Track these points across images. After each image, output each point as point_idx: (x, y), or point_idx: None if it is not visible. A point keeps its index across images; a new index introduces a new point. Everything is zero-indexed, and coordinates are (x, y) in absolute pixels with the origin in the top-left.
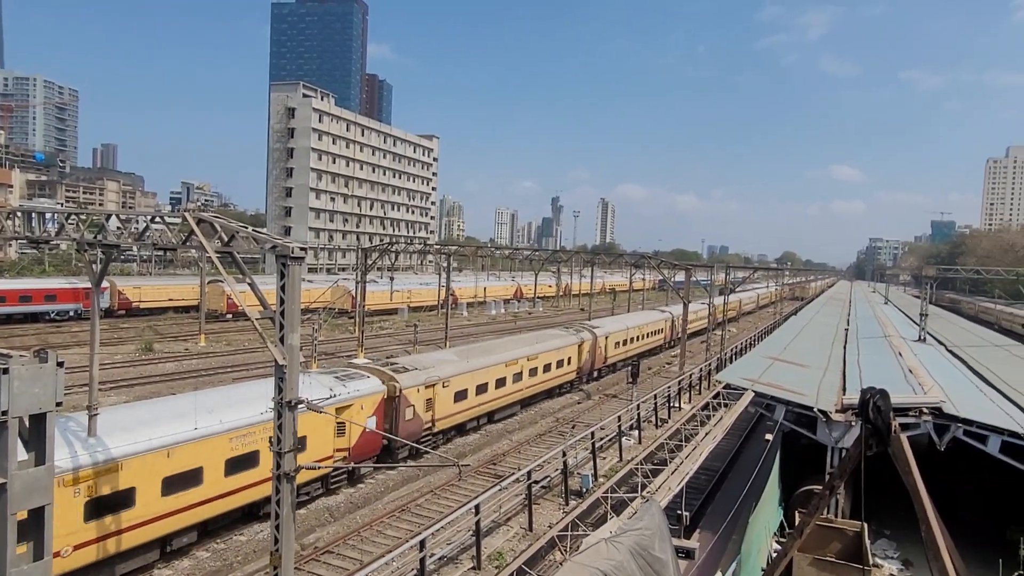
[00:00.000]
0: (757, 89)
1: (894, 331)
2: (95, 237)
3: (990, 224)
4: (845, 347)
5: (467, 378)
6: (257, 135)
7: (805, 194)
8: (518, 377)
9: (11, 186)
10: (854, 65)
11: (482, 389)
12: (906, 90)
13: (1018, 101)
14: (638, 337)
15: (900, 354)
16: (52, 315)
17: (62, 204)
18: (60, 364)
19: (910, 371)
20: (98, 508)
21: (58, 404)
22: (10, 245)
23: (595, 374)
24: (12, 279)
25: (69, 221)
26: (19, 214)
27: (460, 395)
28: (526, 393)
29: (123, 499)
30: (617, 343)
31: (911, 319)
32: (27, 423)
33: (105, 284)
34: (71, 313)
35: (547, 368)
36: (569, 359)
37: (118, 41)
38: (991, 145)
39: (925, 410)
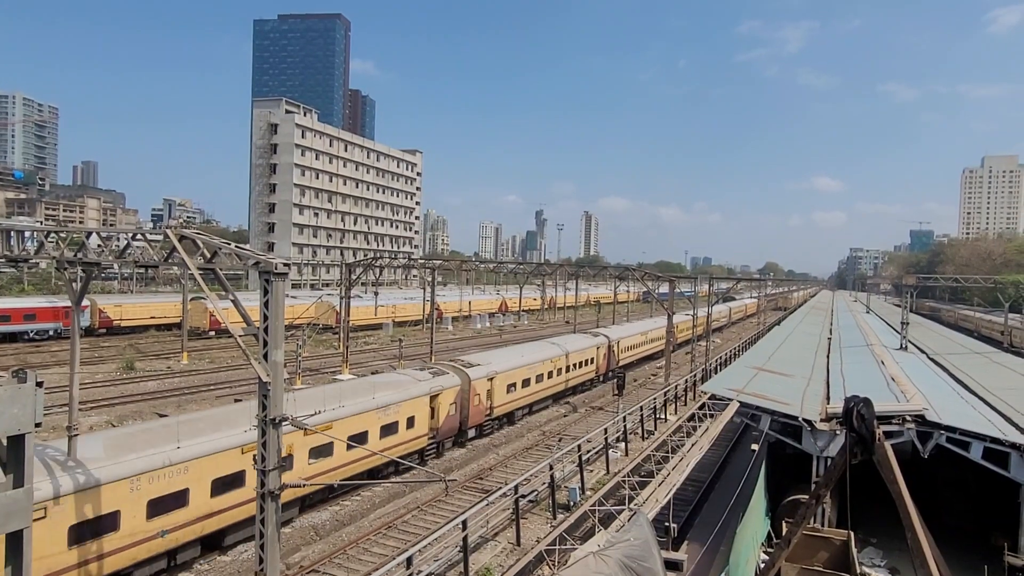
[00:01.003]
0: (738, 102)
1: (876, 340)
2: (75, 255)
3: (967, 233)
4: (828, 356)
5: (113, 493)
6: (239, 151)
7: (786, 206)
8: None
9: None
10: (832, 78)
11: (163, 507)
12: (883, 102)
13: (992, 113)
14: (551, 373)
15: (882, 362)
16: (31, 334)
17: (41, 222)
18: (39, 384)
19: (892, 379)
20: None
21: (37, 425)
22: None
23: (470, 433)
24: None
25: (49, 239)
26: None
27: (104, 525)
28: (310, 488)
29: None
30: (511, 385)
31: (892, 327)
32: (5, 445)
33: (86, 302)
34: (51, 332)
35: (357, 439)
36: (412, 419)
37: (98, 59)
38: (967, 156)
39: (908, 418)
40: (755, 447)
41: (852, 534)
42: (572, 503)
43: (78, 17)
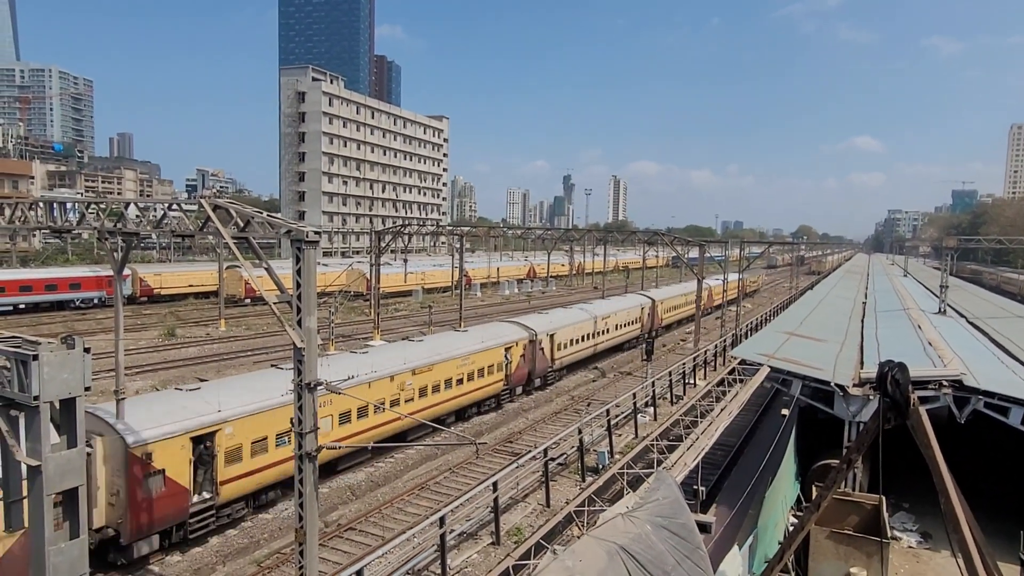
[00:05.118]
0: (775, 61)
1: (913, 304)
2: (115, 225)
3: (1014, 192)
4: (863, 321)
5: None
6: (269, 120)
7: (822, 167)
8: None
9: (32, 177)
10: (873, 33)
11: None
12: (927, 58)
13: None
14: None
15: (919, 327)
16: (77, 303)
17: (82, 194)
18: (87, 350)
19: (929, 344)
20: None
21: (86, 389)
22: (34, 235)
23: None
24: (38, 268)
25: (89, 210)
26: (41, 205)
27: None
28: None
29: None
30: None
31: (931, 291)
32: (58, 407)
33: (127, 271)
34: (95, 300)
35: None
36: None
37: (126, 32)
38: (1015, 113)
39: (945, 383)
40: (785, 412)
41: (884, 499)
42: (600, 466)
43: None
